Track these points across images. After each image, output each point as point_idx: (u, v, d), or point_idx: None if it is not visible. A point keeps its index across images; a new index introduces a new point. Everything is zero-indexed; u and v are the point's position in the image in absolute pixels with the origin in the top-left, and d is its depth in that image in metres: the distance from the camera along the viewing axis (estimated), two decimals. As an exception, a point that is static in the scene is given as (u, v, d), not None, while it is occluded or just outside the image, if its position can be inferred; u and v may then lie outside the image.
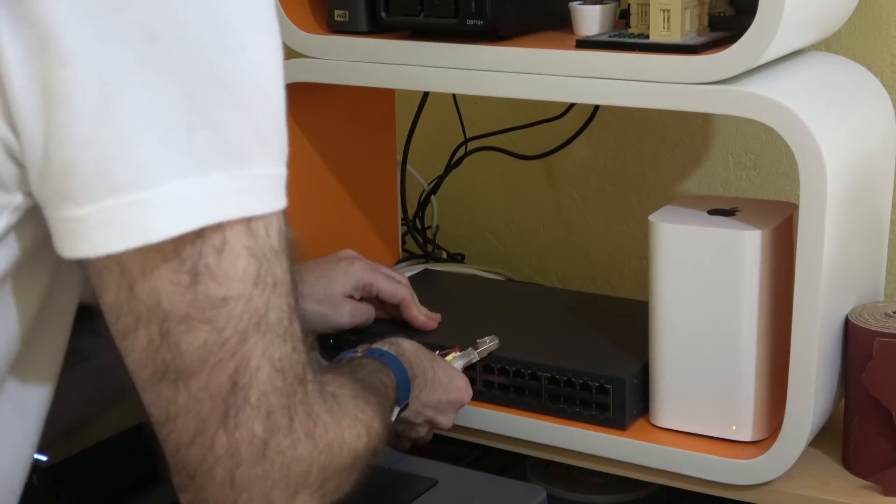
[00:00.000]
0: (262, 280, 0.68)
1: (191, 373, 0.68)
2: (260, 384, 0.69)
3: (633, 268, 1.51)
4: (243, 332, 0.68)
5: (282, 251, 0.70)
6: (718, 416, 1.09)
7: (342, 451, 0.75)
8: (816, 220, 0.98)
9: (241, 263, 0.67)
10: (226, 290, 0.67)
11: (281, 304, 0.69)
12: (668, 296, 1.08)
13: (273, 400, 0.69)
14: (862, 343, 1.05)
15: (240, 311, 0.67)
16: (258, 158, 0.67)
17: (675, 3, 1.03)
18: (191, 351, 0.67)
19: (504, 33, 1.14)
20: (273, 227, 0.69)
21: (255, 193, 0.67)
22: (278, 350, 0.69)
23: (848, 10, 1.21)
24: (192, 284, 0.66)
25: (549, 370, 1.13)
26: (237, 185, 0.66)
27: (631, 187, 1.50)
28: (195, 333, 0.67)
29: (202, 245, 0.66)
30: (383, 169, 1.45)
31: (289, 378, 0.70)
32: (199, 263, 0.66)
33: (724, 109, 1.03)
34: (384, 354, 1.00)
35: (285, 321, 0.70)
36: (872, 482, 1.06)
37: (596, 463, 1.13)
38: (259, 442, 0.69)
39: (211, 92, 0.65)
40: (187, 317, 0.66)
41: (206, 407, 0.68)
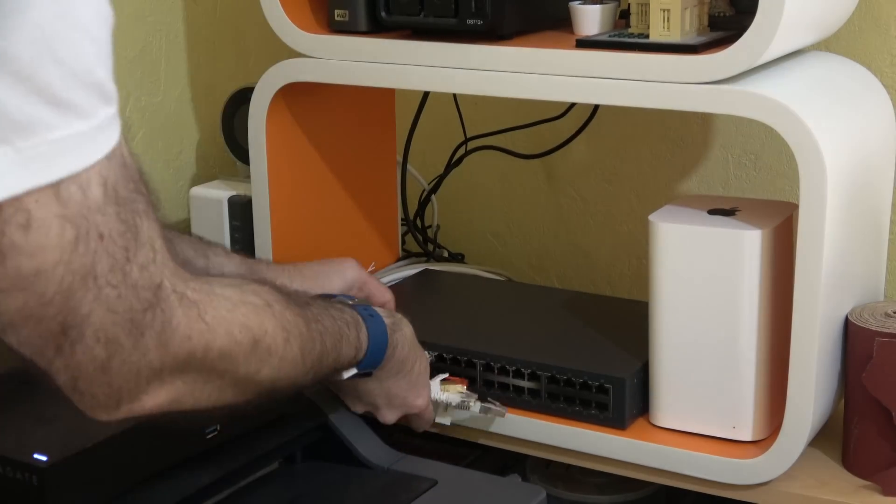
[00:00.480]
0: (82, 240, 0.66)
1: (16, 325, 0.67)
2: (94, 323, 0.68)
3: (633, 268, 1.51)
4: (67, 290, 0.67)
5: (108, 201, 0.67)
6: (718, 416, 1.09)
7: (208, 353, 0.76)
8: (816, 220, 0.98)
9: (53, 232, 0.65)
10: (39, 262, 0.65)
11: (111, 250, 0.68)
12: (667, 296, 1.08)
13: (113, 330, 0.69)
14: (862, 343, 1.05)
15: (60, 276, 0.66)
16: (55, 123, 0.64)
17: (675, 3, 1.03)
18: (11, 311, 0.66)
19: (504, 33, 1.14)
20: (92, 181, 0.66)
21: (54, 159, 0.64)
22: (113, 292, 0.68)
23: (848, 10, 1.21)
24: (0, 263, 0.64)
25: (548, 370, 1.13)
26: (27, 155, 0.63)
27: (631, 187, 1.50)
28: (12, 299, 0.66)
29: (3, 224, 0.64)
30: (383, 169, 1.45)
31: (133, 308, 0.70)
32: (2, 242, 0.64)
33: (724, 109, 1.03)
34: (373, 316, 1.00)
35: (120, 263, 0.68)
36: (872, 482, 1.06)
37: (596, 463, 1.13)
38: (100, 362, 0.70)
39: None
40: (1, 290, 0.65)
41: (37, 345, 0.69)
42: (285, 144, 1.27)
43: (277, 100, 1.23)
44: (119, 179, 0.68)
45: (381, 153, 1.44)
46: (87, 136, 0.65)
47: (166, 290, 0.73)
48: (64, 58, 0.64)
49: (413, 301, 1.30)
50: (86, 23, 0.65)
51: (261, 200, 1.26)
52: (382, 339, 1.00)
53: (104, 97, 0.67)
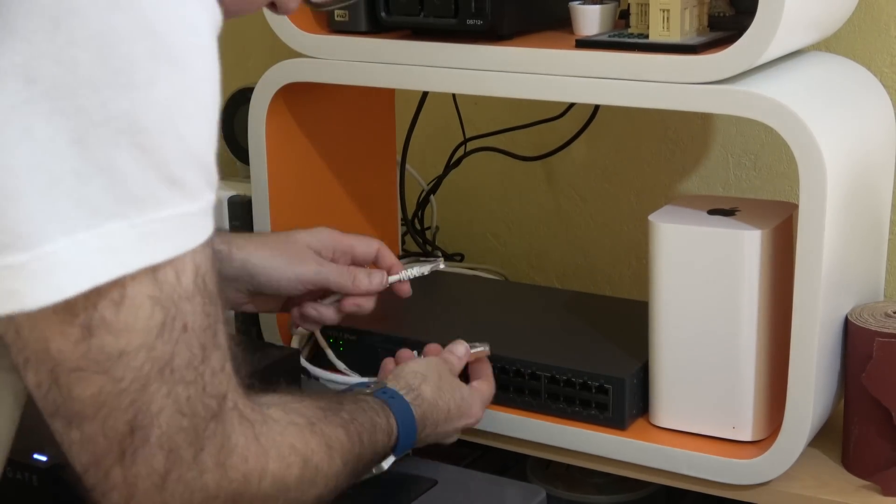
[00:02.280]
0: (167, 328, 0.64)
1: (84, 417, 0.64)
2: (162, 425, 0.65)
3: (633, 268, 1.51)
4: (144, 379, 0.64)
5: (196, 291, 0.65)
6: (718, 416, 1.09)
7: (262, 480, 0.72)
8: (816, 220, 0.98)
9: (143, 314, 0.63)
10: (124, 343, 0.62)
11: (192, 344, 0.65)
12: (667, 296, 1.08)
13: (177, 438, 0.66)
14: (862, 343, 1.05)
15: (140, 362, 0.63)
16: (165, 200, 0.62)
17: (674, 3, 1.03)
18: (84, 398, 0.63)
19: (504, 33, 1.14)
20: (186, 268, 0.64)
21: (160, 239, 0.62)
22: (185, 391, 0.66)
23: (848, 10, 1.21)
24: (84, 338, 0.62)
25: (548, 370, 1.13)
26: (138, 232, 0.61)
27: (631, 187, 1.50)
28: (88, 383, 0.63)
29: (98, 299, 0.61)
30: (383, 169, 1.45)
31: (198, 417, 0.67)
32: (93, 317, 0.61)
33: (724, 109, 1.03)
34: (394, 398, 0.96)
35: (196, 361, 0.66)
36: (872, 482, 1.06)
37: (596, 463, 1.13)
38: (158, 476, 0.66)
39: (103, 134, 0.59)
40: (79, 368, 0.62)
41: (100, 446, 0.65)
42: (285, 144, 1.27)
43: (277, 100, 1.23)
44: (209, 271, 0.66)
45: (380, 153, 1.44)
46: (190, 220, 0.64)
47: (229, 403, 0.69)
48: (185, 135, 0.62)
49: (413, 301, 1.30)
50: (206, 102, 0.64)
51: (261, 200, 1.26)
52: (409, 417, 0.96)
53: (209, 182, 0.65)
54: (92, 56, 0.59)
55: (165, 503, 0.67)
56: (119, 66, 0.59)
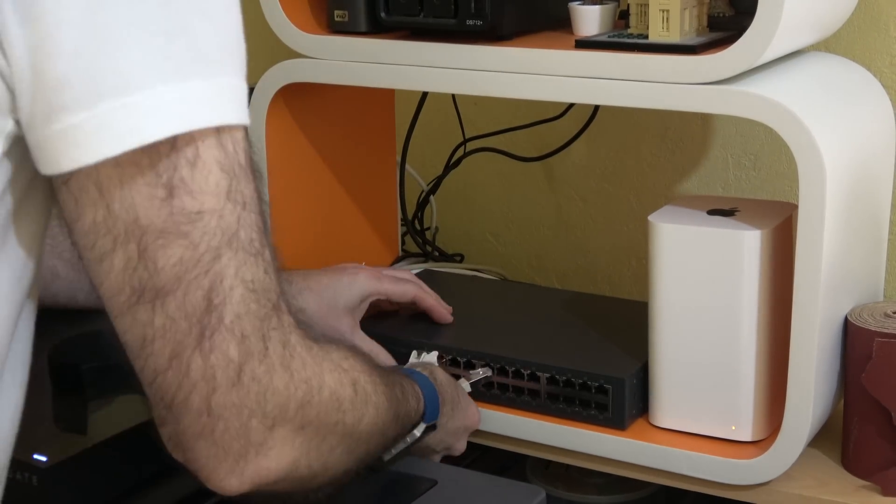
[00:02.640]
0: (232, 196, 0.69)
1: (168, 291, 0.68)
2: (234, 304, 0.69)
3: (633, 268, 1.51)
4: (216, 248, 0.69)
5: (248, 168, 0.71)
6: (718, 416, 1.09)
7: (321, 390, 0.75)
8: (816, 220, 0.98)
9: (213, 177, 0.68)
10: (200, 204, 0.68)
11: (251, 222, 0.70)
12: (667, 296, 1.08)
13: (247, 323, 0.70)
14: (862, 343, 1.05)
15: (213, 227, 0.68)
16: (226, 67, 0.68)
17: (674, 4, 1.03)
18: (167, 268, 0.68)
19: (504, 33, 1.14)
20: (239, 142, 0.70)
21: (225, 102, 0.68)
22: (251, 271, 0.70)
23: (848, 11, 1.21)
24: (168, 198, 0.67)
25: (548, 370, 1.13)
26: (211, 91, 0.67)
27: (631, 187, 1.50)
28: (171, 249, 0.68)
29: (176, 158, 0.67)
30: (383, 169, 1.45)
31: (262, 301, 0.71)
32: (174, 177, 0.67)
33: (724, 109, 1.03)
34: (414, 373, 1.01)
35: (256, 242, 0.71)
36: (872, 482, 1.06)
37: (595, 463, 1.13)
38: (234, 367, 0.70)
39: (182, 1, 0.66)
40: (164, 231, 0.67)
41: (182, 327, 0.69)
42: (285, 144, 1.27)
43: (277, 100, 1.23)
44: (249, 157, 0.72)
45: (380, 154, 1.44)
46: (242, 95, 0.70)
47: (283, 306, 0.74)
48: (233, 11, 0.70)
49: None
50: None
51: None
52: (432, 391, 1.00)
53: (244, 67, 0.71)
54: None
55: (241, 402, 0.70)
56: None
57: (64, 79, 0.65)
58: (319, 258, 1.31)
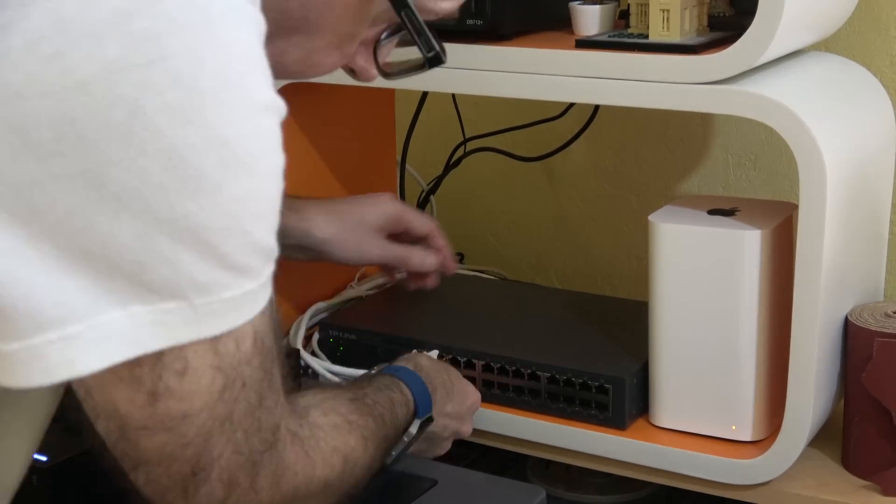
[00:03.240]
0: (228, 389, 0.68)
1: (151, 464, 0.68)
2: (222, 465, 0.70)
3: (633, 268, 1.51)
4: (206, 433, 0.68)
5: (255, 353, 0.69)
6: (718, 416, 1.09)
7: (309, 485, 0.77)
8: (816, 220, 0.98)
9: (205, 381, 0.66)
10: (187, 406, 0.66)
11: (249, 396, 0.69)
12: (667, 296, 1.08)
13: (236, 472, 0.70)
14: (862, 343, 1.05)
15: (203, 420, 0.67)
16: (227, 284, 0.65)
17: (674, 3, 1.03)
18: (150, 449, 0.68)
19: (504, 33, 1.14)
20: (246, 336, 0.68)
21: (220, 317, 0.66)
22: (243, 436, 0.70)
23: (848, 11, 1.21)
24: (150, 404, 0.66)
25: (548, 370, 1.13)
26: (198, 312, 0.64)
27: (631, 187, 1.50)
28: (154, 439, 0.67)
29: (162, 369, 0.65)
30: (383, 169, 1.45)
31: (255, 450, 0.71)
32: (158, 385, 0.65)
33: (724, 109, 1.03)
34: (398, 370, 1.01)
35: (253, 408, 0.70)
36: (872, 482, 1.06)
37: (596, 463, 1.13)
38: (218, 501, 0.71)
39: (169, 232, 0.62)
40: (145, 427, 0.66)
41: (164, 485, 0.69)
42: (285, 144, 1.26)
43: (277, 100, 1.23)
44: (267, 332, 0.70)
45: (380, 153, 1.44)
46: (251, 295, 0.67)
47: (282, 430, 0.74)
48: (249, 230, 0.65)
49: (413, 300, 1.30)
50: (272, 197, 0.67)
51: (261, 200, 1.26)
52: (419, 384, 1.00)
53: (270, 258, 0.68)
54: (162, 166, 0.61)
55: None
56: (188, 175, 0.62)
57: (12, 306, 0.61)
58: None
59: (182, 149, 0.61)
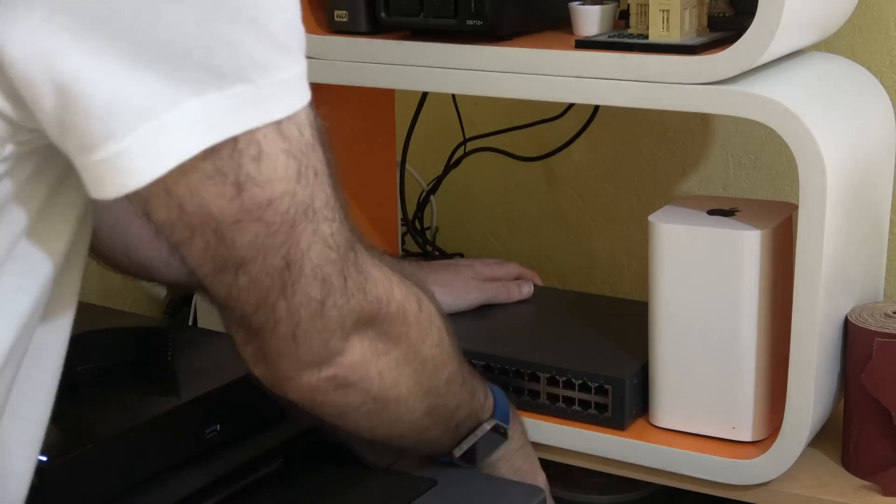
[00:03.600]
0: (303, 175, 0.72)
1: (248, 260, 0.72)
2: (313, 258, 0.74)
3: (633, 268, 1.51)
4: (291, 220, 0.72)
5: (315, 141, 0.73)
6: (718, 416, 1.09)
7: (390, 303, 0.82)
8: (816, 220, 0.98)
9: (280, 165, 0.70)
10: (270, 192, 0.70)
11: (324, 187, 0.74)
12: (667, 296, 1.08)
13: (327, 268, 0.75)
14: (862, 343, 1.05)
15: (286, 206, 0.71)
16: (280, 64, 0.69)
17: (674, 4, 1.03)
18: (245, 244, 0.72)
19: (504, 33, 1.14)
20: (304, 123, 0.72)
21: (280, 99, 0.70)
22: (328, 227, 0.75)
23: (848, 11, 1.21)
24: (237, 194, 0.69)
25: (548, 370, 1.13)
26: (261, 94, 0.68)
27: (631, 187, 1.50)
28: (247, 231, 0.71)
29: (239, 157, 0.69)
30: (383, 169, 1.45)
31: (341, 248, 0.76)
32: (240, 174, 0.69)
33: (724, 109, 1.03)
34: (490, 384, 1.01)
35: (331, 201, 0.75)
36: (872, 482, 1.06)
37: (595, 463, 1.13)
38: (316, 303, 0.76)
39: (224, 14, 0.66)
40: (238, 220, 0.70)
41: (265, 283, 0.74)
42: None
43: (277, 100, 1.23)
44: (317, 127, 0.75)
45: (380, 153, 1.44)
46: (299, 81, 0.72)
47: (356, 242, 0.79)
48: (286, 5, 0.70)
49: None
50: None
51: (261, 201, 1.26)
52: (504, 403, 1.01)
53: (302, 48, 0.73)
54: None
55: (324, 327, 0.77)
56: None
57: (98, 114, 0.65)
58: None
59: None
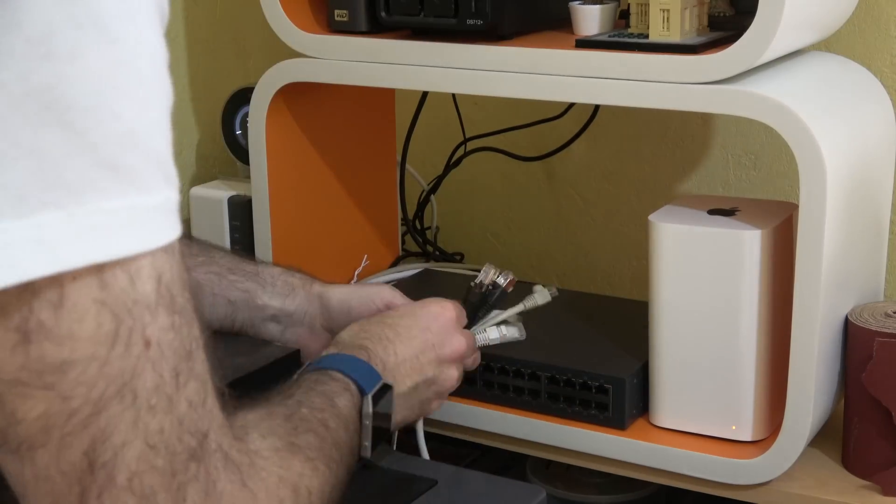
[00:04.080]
0: (122, 339, 0.56)
1: (33, 444, 0.56)
2: (129, 463, 0.57)
3: (633, 268, 1.51)
4: (98, 401, 0.56)
5: (160, 302, 0.57)
6: (718, 416, 1.09)
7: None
8: (816, 220, 0.98)
9: (88, 320, 0.55)
10: (67, 353, 0.54)
11: (159, 367, 0.57)
12: (667, 296, 1.08)
13: (151, 480, 0.58)
14: (862, 343, 1.05)
15: (91, 377, 0.55)
16: (107, 189, 0.54)
17: (674, 3, 1.03)
18: (29, 420, 0.55)
19: (504, 33, 1.14)
20: (142, 272, 0.56)
21: (104, 235, 0.54)
22: (156, 422, 0.57)
23: (848, 11, 1.21)
24: (20, 344, 0.54)
25: (548, 370, 1.13)
26: (76, 225, 0.53)
27: (631, 187, 1.50)
28: (32, 401, 0.55)
29: (32, 298, 0.53)
30: (383, 169, 1.45)
31: (175, 454, 0.58)
32: (29, 320, 0.54)
33: (724, 109, 1.03)
34: (319, 361, 0.91)
35: (167, 388, 0.58)
36: (872, 482, 1.06)
37: (595, 463, 1.13)
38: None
39: (26, 111, 0.52)
40: (19, 381, 0.55)
41: (56, 485, 0.57)
42: (285, 144, 1.27)
43: (277, 100, 1.23)
44: (175, 281, 0.58)
45: (380, 153, 1.44)
46: (142, 216, 0.55)
47: (211, 444, 0.61)
48: (121, 114, 0.55)
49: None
50: (147, 80, 0.56)
51: (261, 200, 1.26)
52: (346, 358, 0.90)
53: (166, 177, 0.57)
54: (9, 22, 0.52)
55: None
56: (41, 34, 0.52)
57: None
58: (319, 258, 1.32)
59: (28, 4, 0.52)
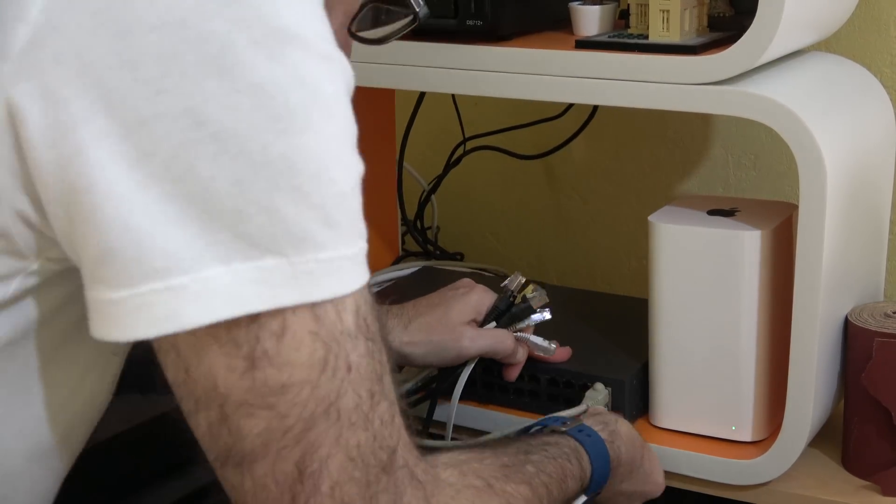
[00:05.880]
0: (330, 366, 0.65)
1: (254, 458, 0.65)
2: (332, 473, 0.65)
3: (633, 268, 1.51)
4: (309, 419, 0.64)
5: (359, 332, 0.66)
6: (718, 417, 1.09)
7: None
8: (816, 220, 0.98)
9: (304, 349, 0.64)
10: (287, 377, 0.64)
11: (358, 388, 0.66)
12: (667, 296, 1.08)
13: (349, 489, 0.66)
14: (862, 343, 1.05)
15: (304, 398, 0.64)
16: (323, 242, 0.64)
17: (674, 4, 1.03)
18: (252, 436, 0.64)
19: (504, 33, 1.14)
20: (347, 308, 0.65)
21: (318, 279, 0.64)
22: (355, 437, 0.66)
23: (848, 11, 1.21)
24: (248, 370, 0.63)
25: (548, 371, 1.13)
26: (296, 270, 0.63)
27: (631, 187, 1.50)
28: (255, 419, 0.64)
29: (259, 330, 0.63)
30: (383, 169, 1.45)
31: (370, 467, 0.66)
32: (255, 348, 0.63)
33: (724, 110, 1.03)
34: (588, 434, 0.94)
35: (364, 406, 0.66)
36: (872, 482, 1.06)
37: (596, 463, 1.13)
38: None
39: (264, 176, 0.62)
40: (245, 402, 0.64)
41: (271, 494, 0.65)
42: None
43: (277, 100, 1.23)
44: (370, 315, 0.67)
45: (380, 153, 1.44)
46: (346, 264, 0.65)
47: (399, 459, 0.68)
48: (337, 179, 0.66)
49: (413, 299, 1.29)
50: (350, 147, 0.70)
51: (261, 200, 1.26)
52: (604, 459, 0.94)
53: (360, 231, 0.67)
54: (254, 103, 0.62)
55: None
56: (278, 112, 0.63)
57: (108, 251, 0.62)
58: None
59: (270, 85, 0.62)
